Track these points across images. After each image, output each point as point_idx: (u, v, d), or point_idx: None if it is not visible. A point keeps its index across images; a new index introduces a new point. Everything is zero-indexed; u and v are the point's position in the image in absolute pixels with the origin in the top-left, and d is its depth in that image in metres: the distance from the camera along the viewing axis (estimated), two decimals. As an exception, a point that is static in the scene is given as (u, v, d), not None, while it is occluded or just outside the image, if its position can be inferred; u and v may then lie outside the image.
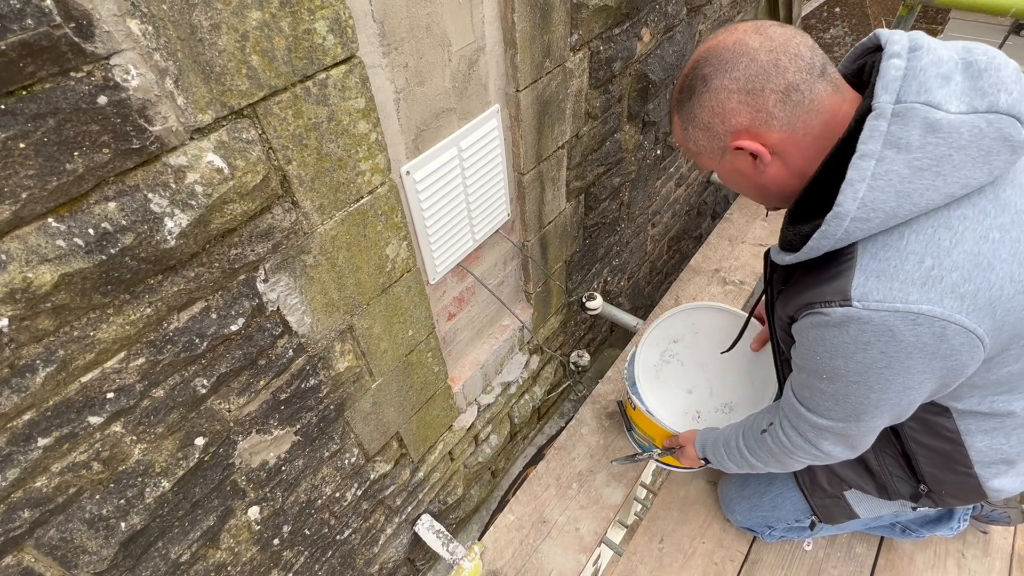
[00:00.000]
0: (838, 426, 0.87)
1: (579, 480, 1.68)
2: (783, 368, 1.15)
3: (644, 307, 2.87)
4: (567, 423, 1.87)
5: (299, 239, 0.89)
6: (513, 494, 1.79)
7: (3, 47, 0.50)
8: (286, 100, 0.77)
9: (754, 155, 0.76)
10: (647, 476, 2.26)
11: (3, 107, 0.53)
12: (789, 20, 2.70)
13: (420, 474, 1.63)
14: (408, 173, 1.09)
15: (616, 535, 1.57)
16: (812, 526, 1.33)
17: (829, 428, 0.89)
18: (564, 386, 2.35)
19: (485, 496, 2.21)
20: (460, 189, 1.24)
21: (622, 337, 2.70)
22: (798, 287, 0.82)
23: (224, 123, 0.71)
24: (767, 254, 0.94)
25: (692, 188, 2.76)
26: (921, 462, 1.02)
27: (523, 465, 2.35)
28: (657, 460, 1.53)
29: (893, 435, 1.04)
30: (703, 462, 1.25)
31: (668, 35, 1.74)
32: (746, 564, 1.46)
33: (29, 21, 0.50)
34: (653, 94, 1.80)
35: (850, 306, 0.70)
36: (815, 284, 0.77)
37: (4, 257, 0.58)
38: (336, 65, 0.81)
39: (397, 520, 1.65)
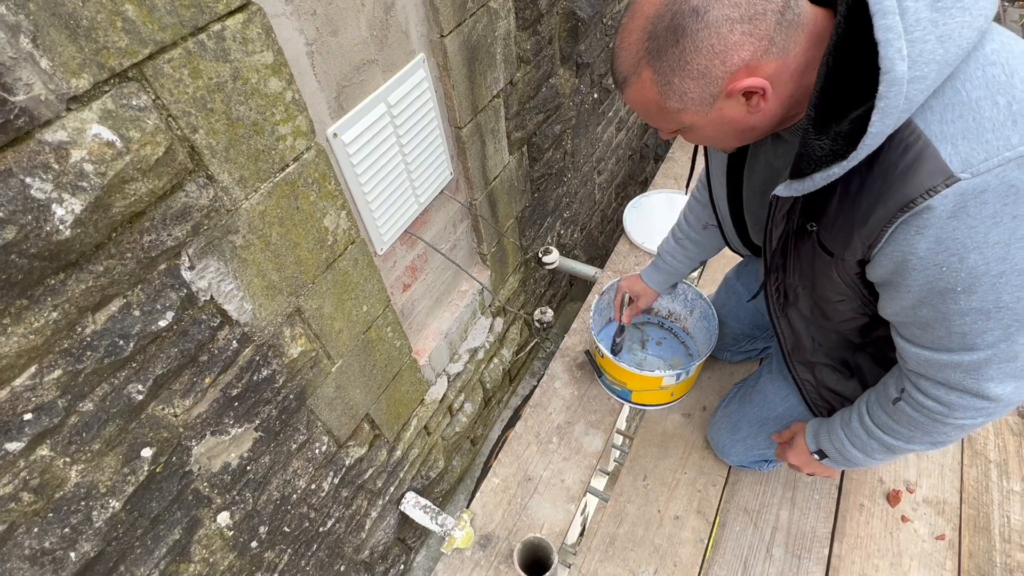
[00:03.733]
0: (1001, 350, 0.68)
1: (558, 433, 1.68)
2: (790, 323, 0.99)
3: (600, 256, 2.87)
4: (539, 381, 1.87)
5: (222, 218, 0.81)
6: (495, 458, 1.78)
7: None
8: (178, 57, 0.68)
9: (749, 95, 0.66)
10: (622, 422, 2.30)
11: None
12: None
13: (397, 453, 1.59)
14: (335, 136, 1.00)
15: (600, 483, 1.59)
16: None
17: (989, 360, 0.70)
18: (532, 345, 2.34)
19: (468, 465, 2.20)
20: (395, 149, 1.16)
21: (583, 289, 2.71)
22: (857, 208, 0.67)
23: (106, 88, 0.62)
24: (772, 201, 0.77)
25: (632, 132, 2.75)
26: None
27: (501, 429, 2.35)
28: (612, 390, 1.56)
29: None
30: (816, 458, 1.05)
31: (591, -32, 1.67)
32: (727, 486, 1.51)
33: None
34: (583, 33, 1.75)
35: (957, 180, 0.58)
36: (887, 189, 0.63)
37: None
38: (231, 14, 0.72)
39: (380, 502, 1.61)
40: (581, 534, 2.07)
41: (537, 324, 2.20)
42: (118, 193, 0.65)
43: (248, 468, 1.04)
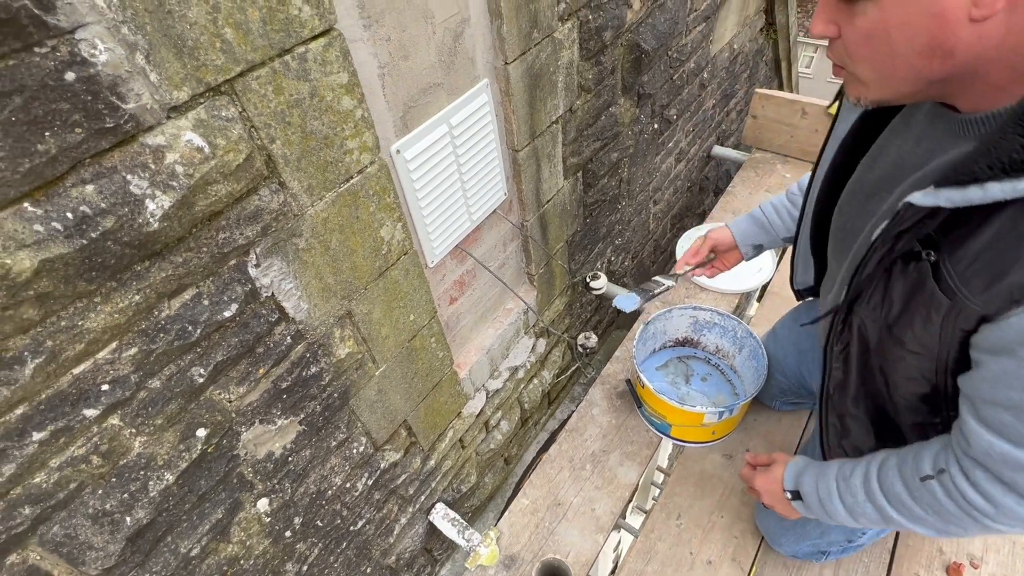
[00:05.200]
0: None
1: (592, 461, 1.66)
2: (853, 370, 0.83)
3: (650, 287, 2.83)
4: (577, 407, 1.85)
5: (289, 221, 0.87)
6: (527, 480, 1.77)
7: (-41, 20, 0.48)
8: (265, 75, 0.75)
9: None
10: (663, 460, 2.24)
11: (-34, 85, 0.51)
12: (783, -14, 2.64)
13: (431, 462, 1.62)
14: (398, 152, 1.06)
15: (636, 521, 1.55)
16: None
17: None
18: (573, 369, 2.33)
19: (499, 483, 2.19)
20: (453, 168, 1.21)
21: (629, 317, 2.67)
22: (1010, 242, 0.52)
23: (202, 100, 0.69)
24: (904, 208, 0.59)
25: (693, 164, 2.72)
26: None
27: (536, 451, 2.34)
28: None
29: None
30: (787, 496, 0.96)
31: (659, 2, 1.70)
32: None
33: (-16, -8, 0.49)
34: (647, 65, 1.77)
35: None
36: None
37: (-20, 244, 0.56)
38: (315, 38, 0.79)
39: (411, 509, 1.64)
40: (612, 572, 2.01)
41: (580, 349, 2.19)
42: (201, 193, 0.73)
43: (290, 459, 1.10)
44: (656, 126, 2.10)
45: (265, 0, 0.71)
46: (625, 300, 1.25)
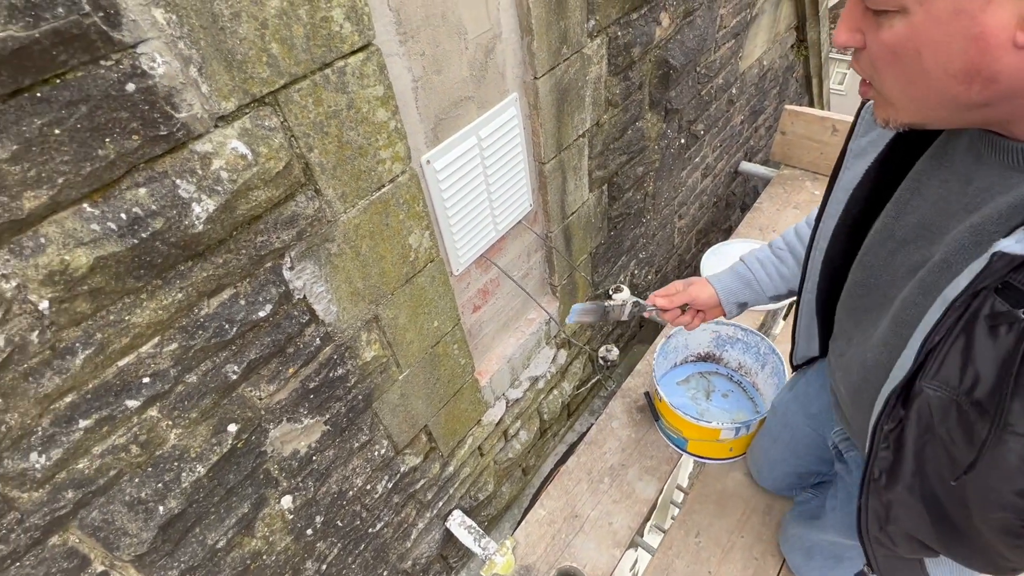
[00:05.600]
0: None
1: (611, 474, 1.65)
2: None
3: (674, 302, 2.81)
4: (597, 419, 1.85)
5: (323, 227, 0.91)
6: (544, 491, 1.77)
7: (37, 35, 0.52)
8: (306, 88, 0.79)
9: None
10: (684, 479, 2.21)
11: (39, 94, 0.55)
12: (815, 6, 2.63)
13: (450, 468, 1.63)
14: (428, 162, 1.10)
15: (654, 540, 1.54)
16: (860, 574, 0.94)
17: None
18: (593, 382, 2.33)
19: (516, 494, 2.19)
20: (481, 179, 1.24)
21: (652, 331, 2.66)
22: None
23: (247, 110, 0.73)
24: (995, 258, 0.50)
25: (719, 179, 2.71)
26: None
27: (554, 463, 2.33)
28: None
29: None
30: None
31: (688, 19, 1.71)
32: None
33: (60, 10, 0.53)
34: (675, 80, 1.78)
35: None
36: None
37: (43, 240, 0.60)
38: (354, 53, 0.83)
39: (428, 515, 1.65)
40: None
41: (601, 361, 2.19)
42: (243, 198, 0.76)
43: (314, 458, 1.13)
44: (683, 141, 2.11)
45: (309, 17, 0.74)
46: (577, 308, 1.14)
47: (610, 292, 2.00)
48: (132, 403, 0.77)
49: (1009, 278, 0.49)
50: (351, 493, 1.28)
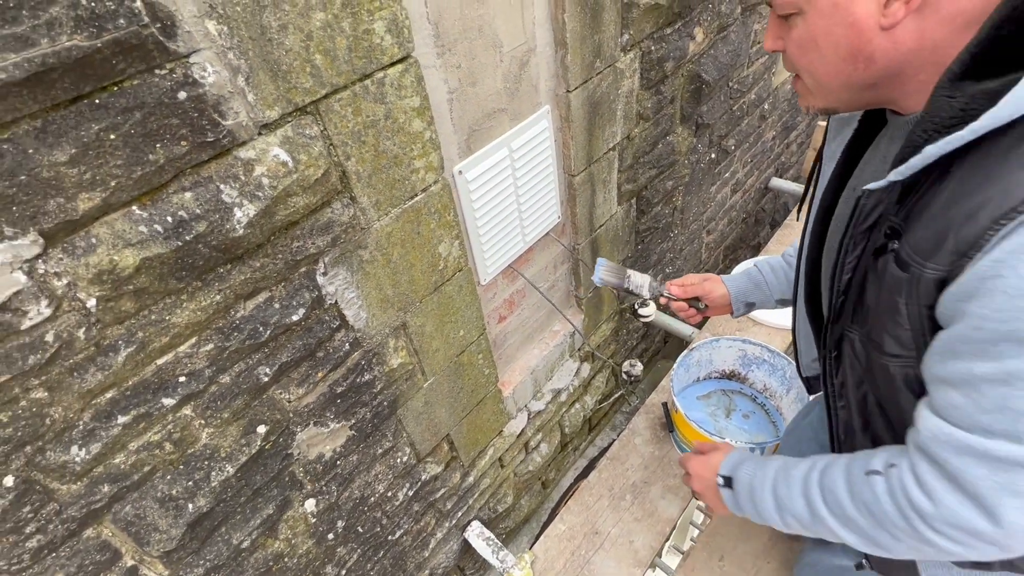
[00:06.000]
0: None
1: (633, 491, 1.63)
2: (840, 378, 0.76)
3: (699, 318, 2.77)
4: (619, 435, 1.83)
5: (356, 234, 0.92)
6: (564, 505, 1.75)
7: (99, 44, 0.55)
8: (346, 98, 0.81)
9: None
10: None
11: (97, 101, 0.58)
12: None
13: (470, 479, 1.63)
14: (460, 172, 1.11)
15: (672, 561, 1.50)
16: (859, 567, 0.97)
17: None
18: (616, 396, 2.30)
19: (535, 507, 2.17)
20: (511, 190, 1.25)
21: (676, 347, 2.62)
22: (967, 199, 0.51)
23: (289, 119, 0.75)
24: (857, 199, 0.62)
25: (749, 195, 2.67)
26: None
27: (574, 478, 2.31)
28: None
29: None
30: (719, 481, 0.87)
31: (722, 34, 1.70)
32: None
33: (121, 21, 0.55)
34: (707, 95, 1.77)
35: None
36: (999, 175, 0.49)
37: (94, 241, 0.63)
38: (393, 64, 0.85)
39: (447, 525, 1.64)
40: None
41: (625, 376, 2.16)
42: (282, 204, 0.78)
43: (338, 462, 1.13)
44: (713, 156, 2.09)
45: (352, 29, 0.76)
46: (600, 267, 1.17)
47: (636, 307, 1.99)
48: (168, 401, 0.79)
49: (891, 221, 0.58)
50: (372, 499, 1.29)
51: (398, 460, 1.31)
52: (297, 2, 0.69)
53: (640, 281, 1.18)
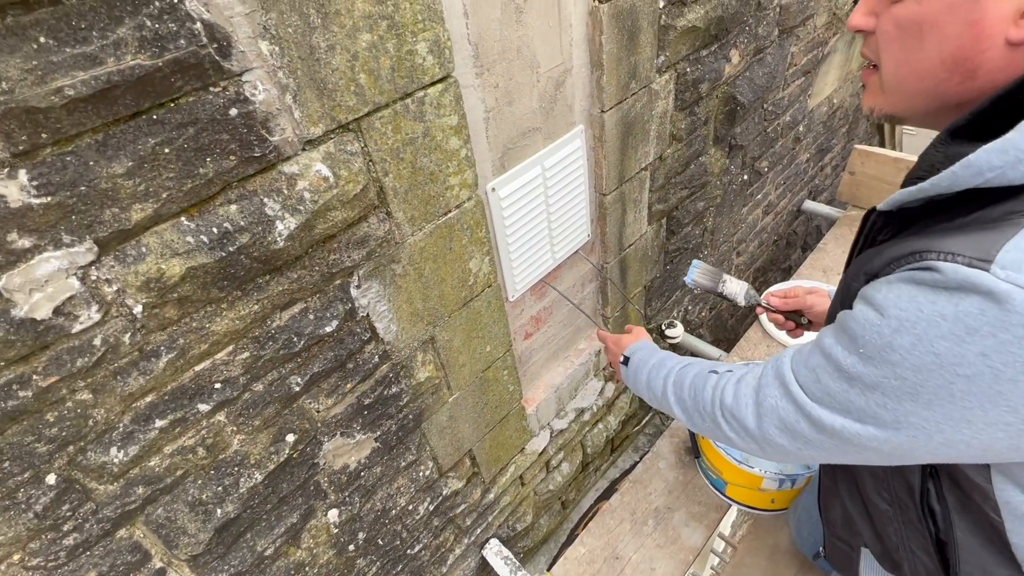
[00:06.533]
0: (827, 427, 0.59)
1: (656, 517, 1.59)
2: None
3: (727, 340, 2.72)
4: (642, 457, 1.79)
5: (390, 248, 0.94)
6: (583, 528, 1.72)
7: (160, 63, 0.57)
8: (387, 116, 0.82)
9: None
10: (726, 526, 2.09)
11: (155, 117, 0.60)
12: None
13: (491, 495, 1.61)
14: (493, 190, 1.12)
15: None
16: (816, 557, 1.05)
17: (807, 423, 0.61)
18: (643, 420, 2.26)
19: (554, 527, 2.14)
20: (542, 208, 1.25)
21: (702, 371, 2.57)
22: (907, 237, 0.56)
23: (332, 136, 0.77)
24: (868, 213, 0.68)
25: (781, 217, 2.63)
26: (962, 558, 0.68)
27: (594, 499, 2.27)
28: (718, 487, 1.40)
29: (923, 512, 0.70)
30: (620, 360, 1.08)
31: (758, 57, 1.69)
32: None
33: (182, 41, 0.58)
34: (741, 117, 1.75)
35: (984, 270, 0.45)
36: (939, 232, 0.52)
37: (144, 250, 0.65)
38: (433, 84, 0.86)
39: (466, 541, 1.63)
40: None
41: (649, 397, 2.13)
42: (322, 218, 0.80)
43: (362, 474, 1.14)
44: (746, 177, 2.06)
45: (396, 50, 0.78)
46: (694, 269, 1.14)
47: (663, 327, 1.96)
48: (203, 407, 0.80)
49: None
50: (394, 512, 1.29)
51: (420, 474, 1.30)
52: (345, 23, 0.71)
53: (736, 288, 1.13)
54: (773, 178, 2.31)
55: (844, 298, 0.63)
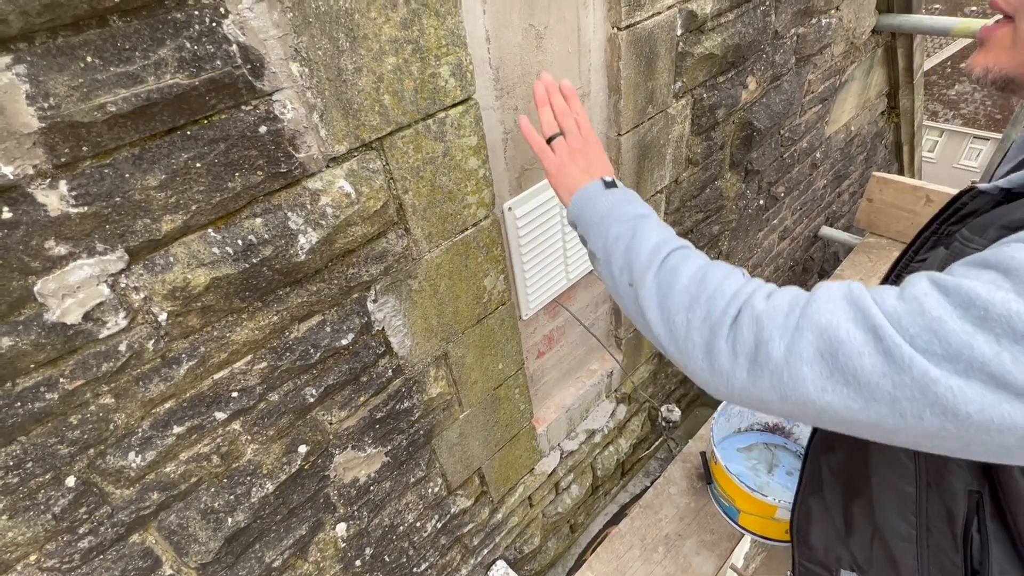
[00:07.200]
0: (922, 380, 0.43)
1: (666, 544, 1.56)
2: None
3: (741, 366, 2.69)
4: (653, 482, 1.77)
5: (408, 264, 0.95)
6: (592, 553, 1.69)
7: (197, 83, 0.60)
8: (409, 135, 0.85)
9: None
10: (739, 559, 2.04)
11: (189, 133, 0.63)
12: (909, 74, 2.55)
13: (499, 515, 1.60)
14: (510, 209, 1.13)
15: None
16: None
17: (887, 366, 0.44)
18: (655, 444, 2.23)
19: (562, 551, 2.10)
20: (557, 227, 1.26)
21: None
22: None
23: (355, 154, 0.79)
24: (962, 193, 0.61)
25: (797, 243, 2.61)
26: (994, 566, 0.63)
27: (603, 523, 2.23)
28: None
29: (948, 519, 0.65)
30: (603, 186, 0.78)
31: (775, 84, 1.71)
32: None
33: (218, 62, 0.61)
34: (758, 142, 1.76)
35: None
36: None
37: (172, 259, 0.67)
38: (455, 105, 0.89)
39: (472, 562, 1.61)
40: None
41: (662, 421, 2.10)
42: (342, 233, 0.82)
43: (371, 488, 1.14)
44: (761, 202, 2.06)
45: (420, 73, 0.81)
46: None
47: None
48: (220, 415, 0.82)
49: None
50: (401, 528, 1.28)
51: (429, 490, 1.30)
52: (372, 47, 0.74)
53: None
54: (790, 203, 2.30)
55: (944, 262, 0.54)
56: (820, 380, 0.47)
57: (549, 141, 0.84)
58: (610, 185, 0.78)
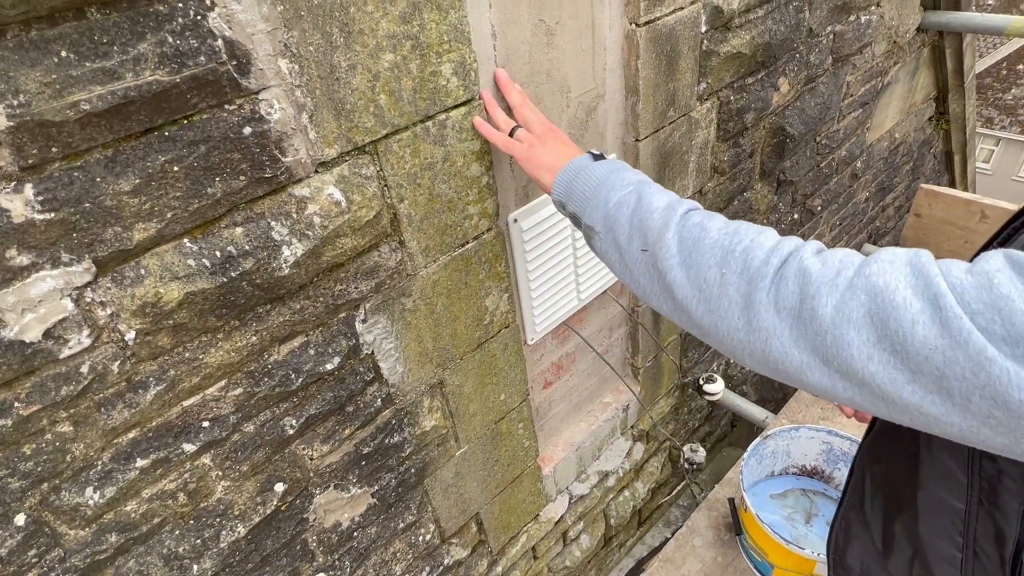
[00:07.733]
0: (983, 363, 0.43)
1: (689, 604, 1.54)
2: None
3: (775, 400, 2.68)
4: (674, 532, 1.75)
5: (401, 280, 0.97)
6: (605, 612, 1.67)
7: (178, 80, 0.62)
8: (406, 139, 0.87)
9: None
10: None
11: (167, 133, 0.65)
12: (959, 77, 2.60)
13: (498, 568, 1.58)
14: (516, 221, 1.15)
15: None
16: None
17: (946, 340, 0.45)
18: (676, 488, 2.22)
19: (570, 612, 2.08)
20: (568, 242, 1.28)
21: (746, 434, 2.53)
22: None
23: (347, 158, 0.82)
24: None
25: (837, 262, 2.63)
26: None
27: (617, 580, 2.21)
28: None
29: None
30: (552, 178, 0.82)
31: (810, 86, 1.74)
32: None
33: (202, 58, 0.63)
34: (791, 150, 1.79)
35: None
36: None
37: (143, 272, 0.69)
38: (456, 107, 0.91)
39: (467, 622, 1.59)
40: None
41: (685, 463, 2.09)
42: (330, 245, 0.83)
43: (355, 534, 1.14)
44: (796, 216, 2.08)
45: (419, 71, 0.83)
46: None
47: (701, 381, 1.95)
48: (189, 447, 0.82)
49: None
50: (388, 582, 1.27)
51: (420, 538, 1.29)
52: (368, 43, 0.77)
53: None
54: (828, 218, 2.33)
55: None
56: (866, 347, 0.48)
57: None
58: (598, 158, 0.82)
